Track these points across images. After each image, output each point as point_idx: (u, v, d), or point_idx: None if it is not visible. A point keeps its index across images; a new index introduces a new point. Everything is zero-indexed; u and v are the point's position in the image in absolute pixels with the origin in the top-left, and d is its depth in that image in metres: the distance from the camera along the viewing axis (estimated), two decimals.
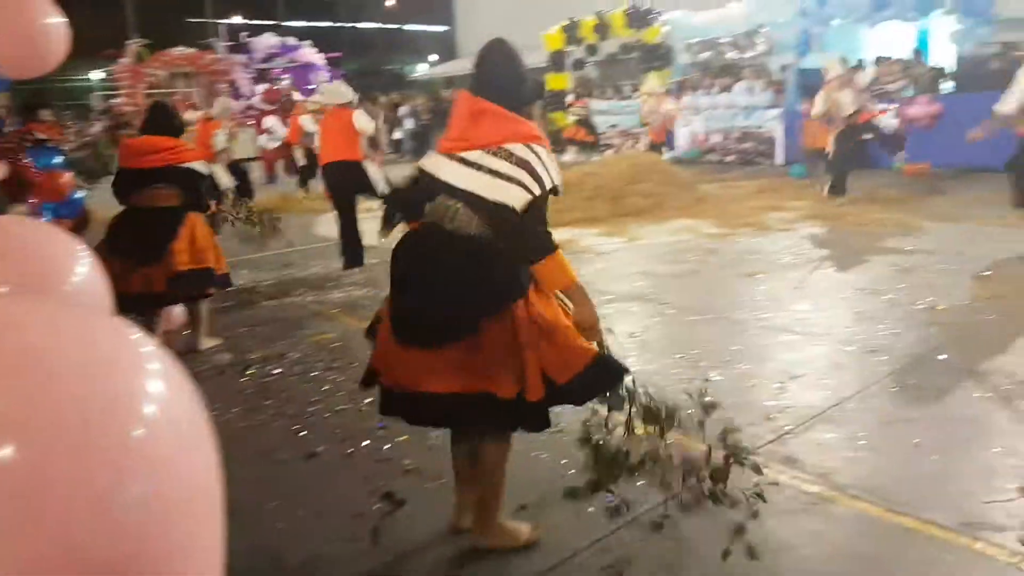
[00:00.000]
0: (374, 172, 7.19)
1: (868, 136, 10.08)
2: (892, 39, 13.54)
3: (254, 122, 17.16)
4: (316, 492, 3.15)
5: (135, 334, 1.08)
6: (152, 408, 0.98)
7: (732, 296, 5.68)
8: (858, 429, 3.44)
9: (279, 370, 4.60)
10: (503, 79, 2.50)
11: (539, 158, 2.35)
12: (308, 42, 21.71)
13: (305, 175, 12.64)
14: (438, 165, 2.45)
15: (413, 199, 2.57)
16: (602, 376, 2.45)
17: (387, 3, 37.10)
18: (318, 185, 12.11)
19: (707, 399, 2.84)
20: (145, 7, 27.88)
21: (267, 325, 5.56)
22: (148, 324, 4.99)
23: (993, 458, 3.10)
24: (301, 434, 3.70)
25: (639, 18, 15.00)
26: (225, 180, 9.15)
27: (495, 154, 2.34)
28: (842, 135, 9.14)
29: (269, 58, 20.81)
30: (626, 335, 4.79)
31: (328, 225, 9.81)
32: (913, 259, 6.35)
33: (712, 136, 14.25)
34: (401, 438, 3.55)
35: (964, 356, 4.22)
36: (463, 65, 28.62)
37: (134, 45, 18.19)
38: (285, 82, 20.81)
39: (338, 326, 5.44)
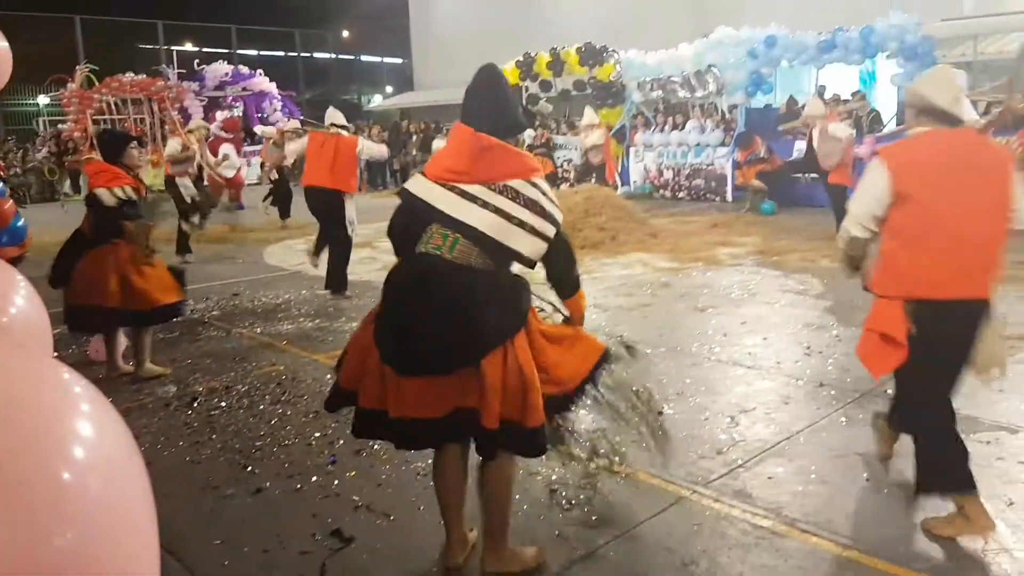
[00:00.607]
0: (351, 211, 7.08)
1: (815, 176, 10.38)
2: (837, 81, 14.05)
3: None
4: (263, 529, 3.05)
5: (66, 374, 1.04)
6: (82, 451, 0.94)
7: (684, 330, 5.74)
8: (808, 463, 3.48)
9: (225, 403, 4.48)
10: (498, 108, 2.53)
11: (544, 194, 2.43)
12: (260, 71, 21.65)
13: (282, 205, 12.36)
14: (430, 191, 2.45)
15: (402, 223, 2.58)
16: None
17: (343, 34, 37.21)
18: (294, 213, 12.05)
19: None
20: (95, 32, 27.46)
21: (213, 357, 5.42)
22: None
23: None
24: (248, 469, 3.60)
25: (593, 55, 15.28)
26: (187, 191, 9.20)
27: (501, 192, 2.38)
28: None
29: (221, 86, 20.63)
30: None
31: (278, 255, 9.70)
32: (861, 294, 6.49)
33: (664, 172, 14.53)
34: (351, 474, 3.48)
35: None
36: (419, 97, 28.79)
37: (83, 70, 17.85)
38: (237, 111, 20.67)
39: (287, 358, 5.34)
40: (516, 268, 2.52)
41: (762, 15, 14.17)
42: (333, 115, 7.32)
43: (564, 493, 3.21)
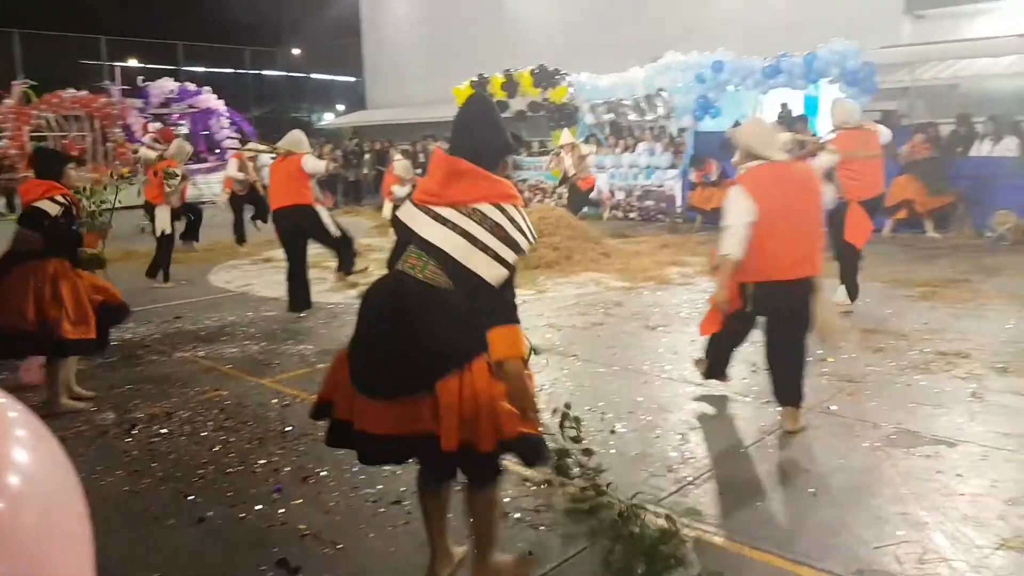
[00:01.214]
0: (325, 216, 7.21)
1: None
2: (782, 105, 14.44)
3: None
4: (205, 560, 2.96)
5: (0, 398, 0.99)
6: (16, 480, 0.88)
7: (636, 348, 5.77)
8: (756, 479, 3.51)
9: (166, 430, 4.34)
10: (479, 135, 2.54)
11: (511, 221, 2.41)
12: (208, 88, 21.34)
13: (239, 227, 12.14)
14: (413, 215, 2.48)
15: (396, 252, 2.59)
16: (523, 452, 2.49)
17: (294, 52, 36.98)
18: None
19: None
20: (35, 47, 26.76)
21: (154, 382, 5.25)
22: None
23: (882, 505, 3.22)
24: (189, 498, 3.48)
25: (546, 78, 15.43)
26: (161, 223, 8.84)
27: (469, 215, 2.39)
28: None
29: (167, 103, 20.27)
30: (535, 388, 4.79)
31: (223, 276, 9.51)
32: None
33: (616, 193, 14.69)
34: (297, 501, 3.39)
35: (853, 406, 4.40)
36: (371, 116, 28.71)
37: (20, 85, 17.36)
38: (183, 128, 20.31)
39: (231, 383, 5.20)
40: None
41: (710, 41, 14.50)
42: (292, 141, 7.37)
43: (520, 513, 3.18)
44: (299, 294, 7.22)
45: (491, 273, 2.37)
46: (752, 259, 3.88)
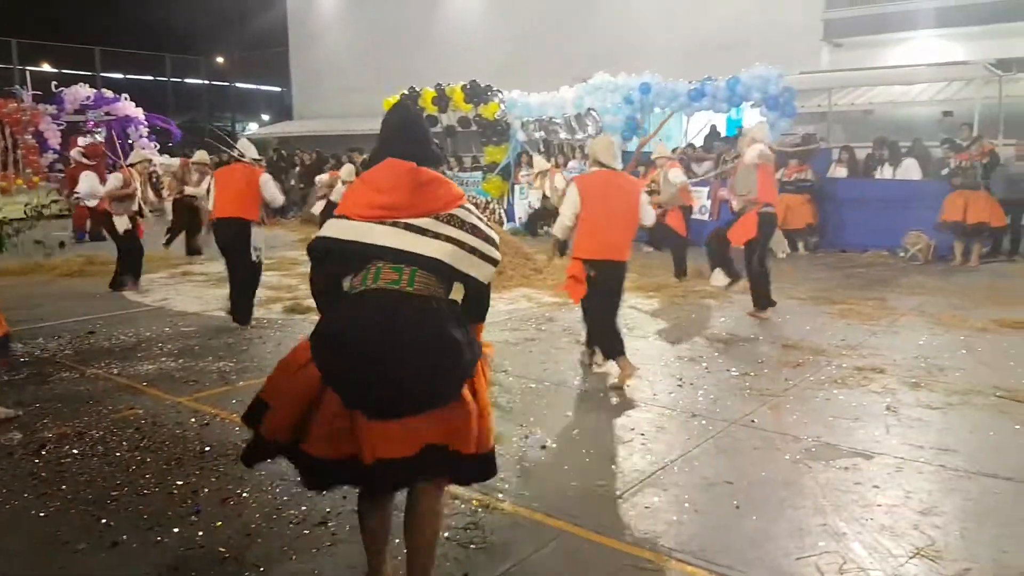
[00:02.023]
0: (256, 235, 7.00)
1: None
2: (706, 127, 14.86)
3: (64, 176, 15.91)
4: None
5: None
6: None
7: (567, 364, 5.81)
8: (682, 492, 3.56)
9: (77, 451, 4.13)
10: (421, 142, 2.57)
11: (478, 216, 2.50)
12: (126, 95, 20.69)
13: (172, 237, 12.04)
14: (369, 232, 2.39)
15: (332, 271, 2.49)
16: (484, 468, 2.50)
17: (218, 60, 36.13)
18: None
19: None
20: None
21: (65, 400, 4.99)
22: None
23: (803, 516, 3.30)
24: (102, 521, 3.32)
25: (478, 93, 15.46)
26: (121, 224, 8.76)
27: (447, 221, 2.42)
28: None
29: (82, 110, 19.48)
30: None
31: (139, 289, 9.15)
32: (727, 329, 6.81)
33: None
34: (217, 524, 3.27)
35: (774, 420, 4.52)
36: (298, 127, 28.21)
37: None
38: (100, 136, 19.58)
39: (147, 401, 4.99)
40: None
41: (637, 63, 14.83)
42: (247, 147, 7.33)
43: (447, 533, 3.13)
44: (242, 307, 7.07)
45: (483, 272, 2.46)
46: (587, 241, 5.19)
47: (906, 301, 7.84)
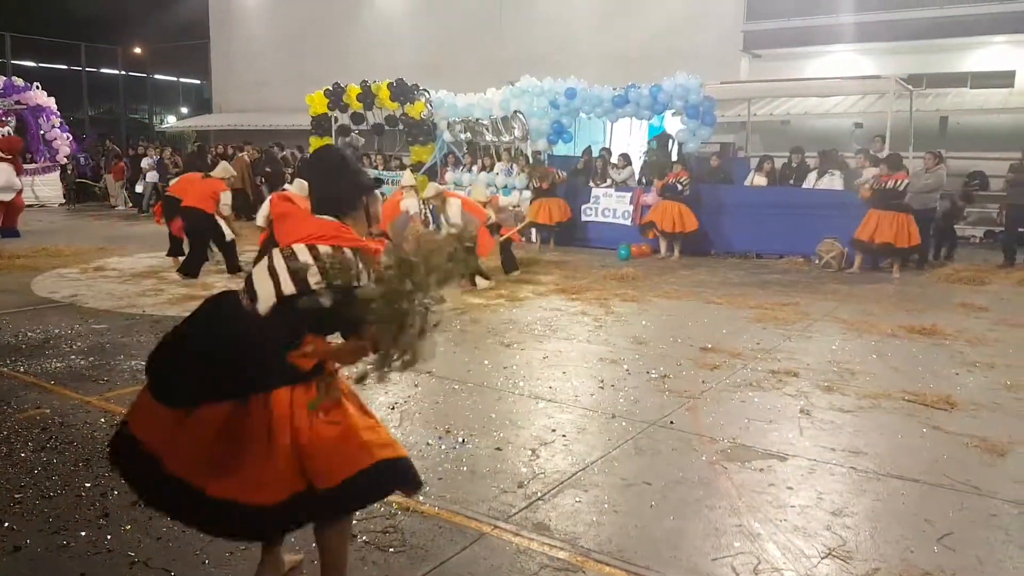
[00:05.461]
0: (224, 225, 9.15)
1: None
2: (628, 134, 15.14)
3: None
4: None
5: None
6: None
7: (491, 365, 5.82)
8: (602, 493, 3.62)
9: None
10: (320, 185, 2.64)
11: (315, 259, 2.39)
12: (38, 84, 19.78)
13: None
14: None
15: None
16: (378, 483, 2.43)
17: (135, 51, 34.77)
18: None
19: None
20: None
21: None
22: None
23: (719, 517, 3.39)
24: (5, 524, 3.17)
25: (404, 92, 15.35)
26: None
27: (286, 256, 2.43)
28: None
29: None
30: (387, 407, 4.72)
31: (48, 285, 8.75)
32: (647, 332, 6.95)
33: None
34: (125, 527, 3.16)
35: (691, 421, 4.64)
36: (218, 120, 27.40)
37: None
38: (10, 125, 18.66)
39: (54, 400, 4.77)
40: None
41: (563, 68, 15.00)
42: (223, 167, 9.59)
43: (365, 537, 3.10)
44: (193, 265, 9.11)
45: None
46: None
47: (820, 306, 8.15)
